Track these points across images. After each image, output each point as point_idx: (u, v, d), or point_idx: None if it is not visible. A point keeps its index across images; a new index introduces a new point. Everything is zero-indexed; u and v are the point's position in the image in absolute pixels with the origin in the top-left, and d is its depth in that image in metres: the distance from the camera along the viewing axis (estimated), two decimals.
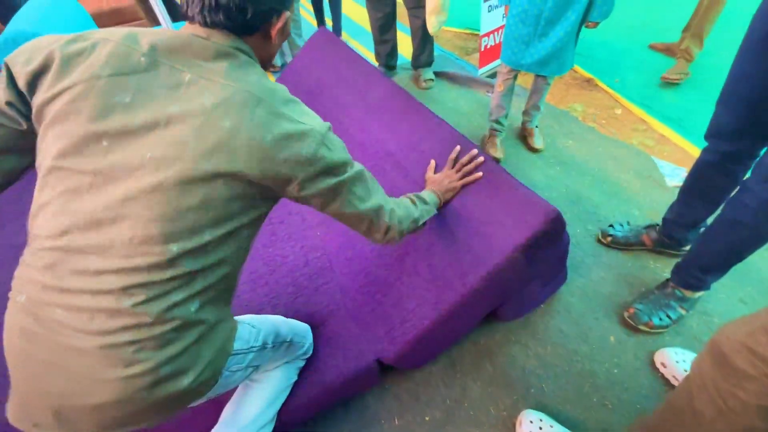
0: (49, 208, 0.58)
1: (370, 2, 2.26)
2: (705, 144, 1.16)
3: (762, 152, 0.99)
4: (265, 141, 0.59)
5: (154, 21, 3.44)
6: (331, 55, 1.83)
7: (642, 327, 1.22)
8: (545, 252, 1.03)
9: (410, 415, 1.11)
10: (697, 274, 1.18)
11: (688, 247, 1.36)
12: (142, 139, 0.58)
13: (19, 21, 1.75)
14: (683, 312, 1.23)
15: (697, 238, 1.18)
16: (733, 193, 1.07)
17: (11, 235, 1.45)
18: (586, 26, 1.56)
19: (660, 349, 1.17)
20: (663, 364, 1.14)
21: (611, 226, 1.51)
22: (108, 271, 0.56)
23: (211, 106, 0.58)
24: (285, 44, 2.76)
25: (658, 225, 1.44)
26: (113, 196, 0.56)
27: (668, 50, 2.53)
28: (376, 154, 1.38)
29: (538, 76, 1.81)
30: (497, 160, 1.89)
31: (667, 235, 1.39)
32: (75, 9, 2.19)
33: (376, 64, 2.59)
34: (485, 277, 0.97)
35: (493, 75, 2.59)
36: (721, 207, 1.11)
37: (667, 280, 1.28)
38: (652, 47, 2.75)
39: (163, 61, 0.60)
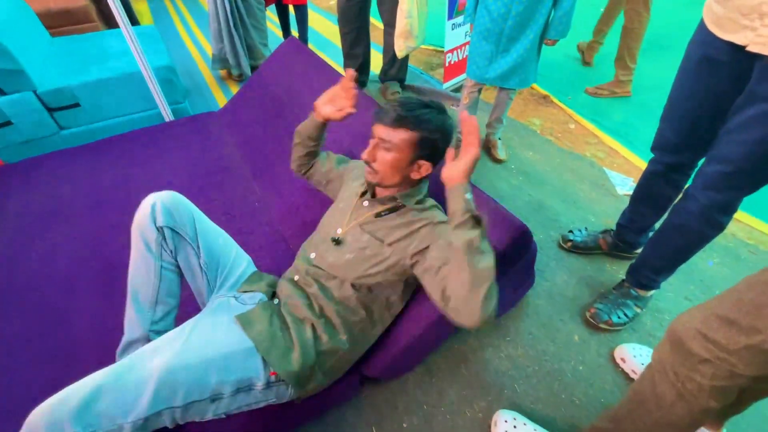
0: None
1: (341, 13, 2.29)
2: (651, 156, 1.28)
3: (701, 163, 1.10)
4: None
5: (107, 24, 3.27)
6: (300, 64, 1.83)
7: (602, 325, 1.30)
8: (515, 262, 1.08)
9: (388, 423, 1.10)
10: (649, 274, 1.28)
11: (639, 250, 1.47)
12: None
13: None
14: (638, 310, 1.32)
15: (648, 242, 1.28)
16: (676, 201, 1.18)
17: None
18: (545, 43, 1.67)
19: (619, 346, 1.25)
20: (623, 359, 1.22)
21: (571, 231, 1.60)
22: None
23: None
24: (242, 54, 2.65)
25: (612, 230, 1.55)
26: None
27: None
28: None
29: (501, 90, 1.91)
30: None
31: (620, 240, 1.50)
32: (20, 7, 2.05)
33: None
34: None
35: (457, 89, 2.69)
36: (667, 213, 1.22)
37: (623, 281, 1.37)
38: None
39: None
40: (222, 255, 1.01)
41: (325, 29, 3.67)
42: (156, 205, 0.92)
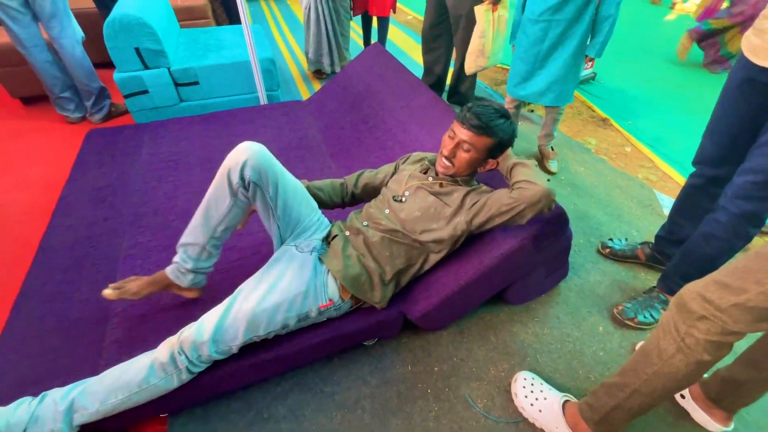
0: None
1: (424, 37, 2.55)
2: (693, 170, 1.38)
3: None
4: None
5: (216, 21, 3.83)
6: (381, 65, 2.11)
7: (628, 322, 1.40)
8: (550, 242, 1.24)
9: (421, 365, 1.29)
10: (678, 281, 1.37)
11: None
12: None
13: (123, 6, 2.08)
14: None
15: (679, 250, 1.38)
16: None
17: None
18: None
19: (642, 341, 1.35)
20: None
21: (611, 239, 1.71)
22: None
23: None
24: (336, 56, 3.06)
25: (651, 243, 1.64)
26: None
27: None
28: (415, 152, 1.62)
29: (548, 107, 2.07)
30: None
31: (658, 251, 1.59)
32: (163, 3, 2.54)
33: None
34: (499, 258, 1.18)
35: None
36: None
37: (654, 286, 1.47)
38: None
39: None
40: (301, 216, 1.20)
41: (402, 41, 3.99)
42: (248, 161, 1.06)
